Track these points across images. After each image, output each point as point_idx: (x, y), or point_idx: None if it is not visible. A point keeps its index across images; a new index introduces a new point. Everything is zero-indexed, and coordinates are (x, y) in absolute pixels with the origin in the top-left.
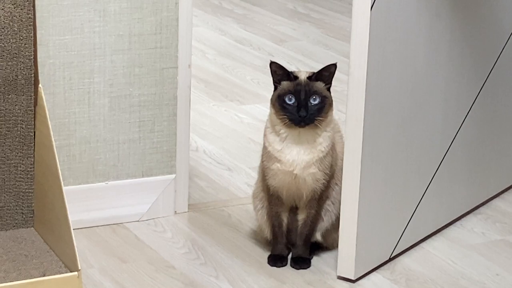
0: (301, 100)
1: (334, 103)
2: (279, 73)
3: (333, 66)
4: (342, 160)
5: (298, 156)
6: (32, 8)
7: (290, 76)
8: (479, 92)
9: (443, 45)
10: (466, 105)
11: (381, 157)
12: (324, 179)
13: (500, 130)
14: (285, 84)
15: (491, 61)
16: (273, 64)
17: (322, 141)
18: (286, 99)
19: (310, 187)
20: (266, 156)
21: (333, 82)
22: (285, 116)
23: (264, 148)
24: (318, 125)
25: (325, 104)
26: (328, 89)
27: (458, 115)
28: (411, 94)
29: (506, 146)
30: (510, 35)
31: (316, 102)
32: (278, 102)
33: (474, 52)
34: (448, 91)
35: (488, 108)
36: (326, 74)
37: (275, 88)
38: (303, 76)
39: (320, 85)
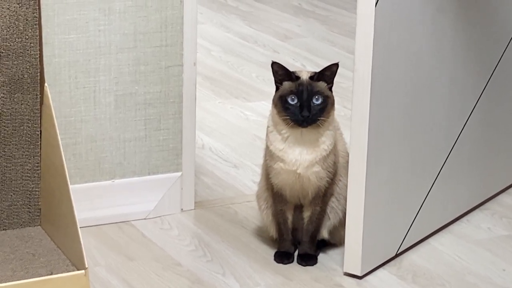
0: (303, 101)
1: (340, 99)
2: (280, 73)
3: (335, 66)
4: (342, 157)
5: (301, 156)
6: (37, 7)
7: (291, 76)
8: (484, 87)
9: (447, 41)
10: (472, 100)
11: (386, 153)
12: (328, 177)
13: (506, 125)
14: (287, 84)
15: (496, 56)
16: (274, 64)
17: (325, 140)
18: (289, 100)
19: (315, 185)
20: (269, 155)
21: (338, 78)
22: (288, 117)
23: (266, 147)
24: (321, 125)
25: (328, 104)
26: (330, 89)
27: (463, 110)
28: (416, 90)
29: None
30: None
31: (319, 102)
32: (280, 102)
33: (478, 47)
34: (453, 86)
35: (494, 103)
36: (328, 73)
37: (277, 89)
38: (304, 76)
39: (322, 85)
